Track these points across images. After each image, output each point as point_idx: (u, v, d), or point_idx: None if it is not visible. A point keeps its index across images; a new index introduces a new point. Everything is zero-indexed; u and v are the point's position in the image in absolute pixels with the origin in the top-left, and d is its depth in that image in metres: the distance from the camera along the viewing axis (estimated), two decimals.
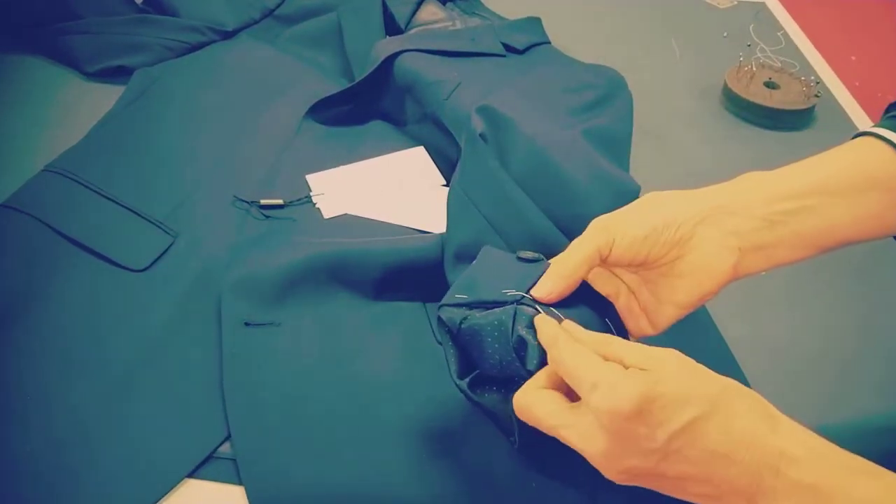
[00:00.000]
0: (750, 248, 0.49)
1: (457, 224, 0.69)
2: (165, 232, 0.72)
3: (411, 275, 0.68)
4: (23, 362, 0.60)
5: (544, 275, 0.50)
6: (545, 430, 0.45)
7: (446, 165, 0.83)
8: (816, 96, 0.95)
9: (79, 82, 0.94)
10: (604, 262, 0.50)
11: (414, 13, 1.01)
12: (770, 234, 0.49)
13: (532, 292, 0.49)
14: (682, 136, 0.93)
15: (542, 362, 0.48)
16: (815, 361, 0.66)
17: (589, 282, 0.53)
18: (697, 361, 0.56)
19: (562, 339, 0.45)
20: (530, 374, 0.48)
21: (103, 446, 0.55)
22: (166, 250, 0.70)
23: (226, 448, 0.56)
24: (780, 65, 1.02)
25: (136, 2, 1.04)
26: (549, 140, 0.73)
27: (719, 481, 0.41)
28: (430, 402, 0.60)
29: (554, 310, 0.49)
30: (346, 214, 0.76)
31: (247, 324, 0.63)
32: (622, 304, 0.54)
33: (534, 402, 0.45)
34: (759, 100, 0.94)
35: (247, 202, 0.75)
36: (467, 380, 0.52)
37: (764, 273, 0.48)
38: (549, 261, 0.52)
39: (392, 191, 0.79)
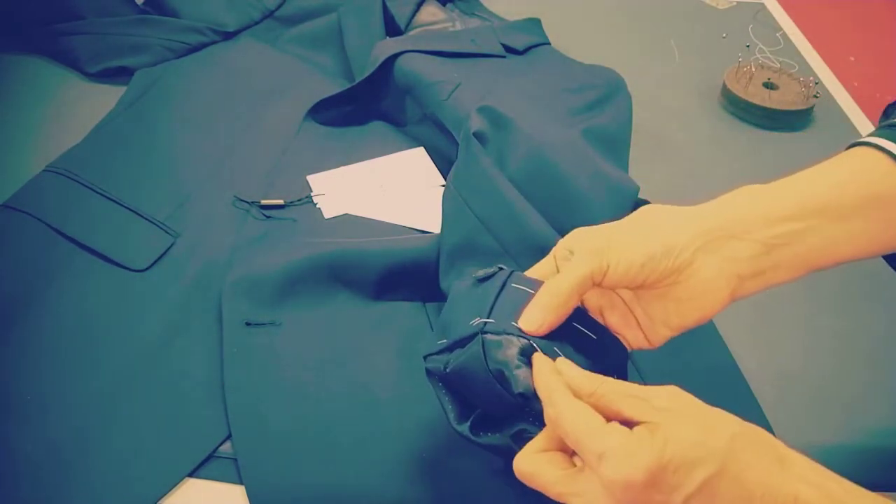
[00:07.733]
0: (749, 275, 0.48)
1: (450, 224, 0.69)
2: (166, 232, 0.72)
3: (411, 275, 0.68)
4: (23, 362, 0.60)
5: (532, 304, 0.47)
6: (552, 497, 0.42)
7: (446, 166, 0.83)
8: (815, 97, 0.96)
9: (80, 83, 0.94)
10: (597, 285, 0.48)
11: (414, 14, 1.01)
12: (768, 260, 0.48)
13: (520, 324, 0.47)
14: (680, 136, 0.93)
15: (528, 385, 0.46)
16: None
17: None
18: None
19: (558, 396, 0.43)
20: (521, 397, 0.46)
21: (104, 445, 0.55)
22: (167, 250, 0.71)
23: (226, 447, 0.56)
24: (778, 65, 1.03)
25: (137, 2, 1.04)
26: (549, 140, 0.73)
27: None
28: (430, 401, 0.60)
29: (537, 340, 0.46)
30: (346, 214, 0.76)
31: (247, 324, 0.63)
32: (618, 317, 0.52)
33: (535, 469, 0.43)
34: (757, 100, 0.94)
35: (247, 202, 0.76)
36: (467, 423, 0.50)
37: (769, 287, 0.47)
38: (535, 280, 0.49)
39: (392, 191, 0.80)
